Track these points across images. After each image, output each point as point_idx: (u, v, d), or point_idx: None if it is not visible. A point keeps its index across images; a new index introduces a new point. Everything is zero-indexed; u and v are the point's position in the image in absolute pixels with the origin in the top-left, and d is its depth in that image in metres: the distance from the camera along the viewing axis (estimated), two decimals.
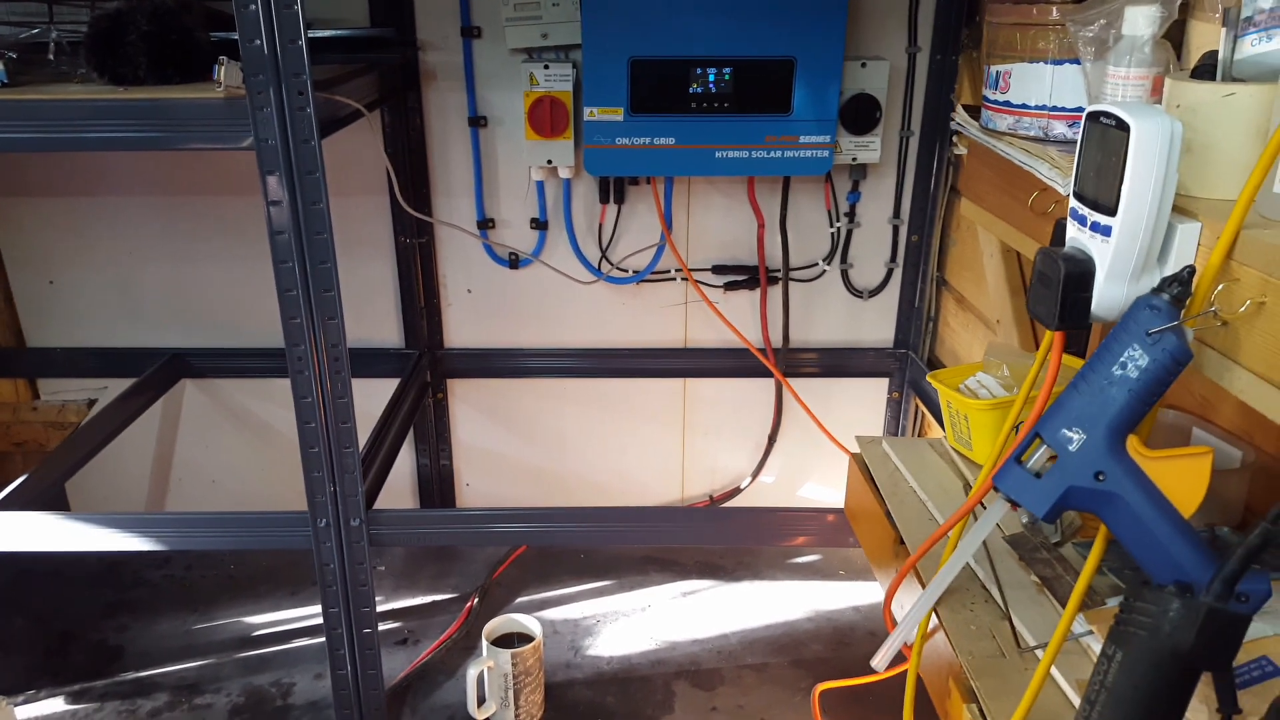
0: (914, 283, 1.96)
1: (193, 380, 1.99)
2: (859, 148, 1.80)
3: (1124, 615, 0.63)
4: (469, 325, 1.97)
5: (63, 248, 1.89)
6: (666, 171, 1.78)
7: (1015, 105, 1.10)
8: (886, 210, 1.92)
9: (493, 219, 1.89)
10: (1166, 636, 0.60)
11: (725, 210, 1.90)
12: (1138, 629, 0.61)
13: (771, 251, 1.93)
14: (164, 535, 1.37)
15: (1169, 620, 0.60)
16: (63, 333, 1.96)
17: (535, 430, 2.07)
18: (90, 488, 2.06)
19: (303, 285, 1.24)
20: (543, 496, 2.13)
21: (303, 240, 1.22)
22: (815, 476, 2.15)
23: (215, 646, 1.75)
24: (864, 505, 1.29)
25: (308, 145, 1.18)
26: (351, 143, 1.79)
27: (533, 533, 1.48)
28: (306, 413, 1.30)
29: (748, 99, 1.69)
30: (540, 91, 1.70)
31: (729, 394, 2.06)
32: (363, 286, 1.92)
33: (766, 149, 1.73)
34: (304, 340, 1.26)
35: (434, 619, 1.84)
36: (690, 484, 2.15)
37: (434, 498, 2.10)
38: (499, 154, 1.84)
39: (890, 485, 1.25)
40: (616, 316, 1.98)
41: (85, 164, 1.83)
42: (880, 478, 1.27)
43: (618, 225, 1.90)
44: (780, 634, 1.82)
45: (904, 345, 2.02)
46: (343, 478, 1.34)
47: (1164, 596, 0.60)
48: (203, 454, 2.06)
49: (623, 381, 2.04)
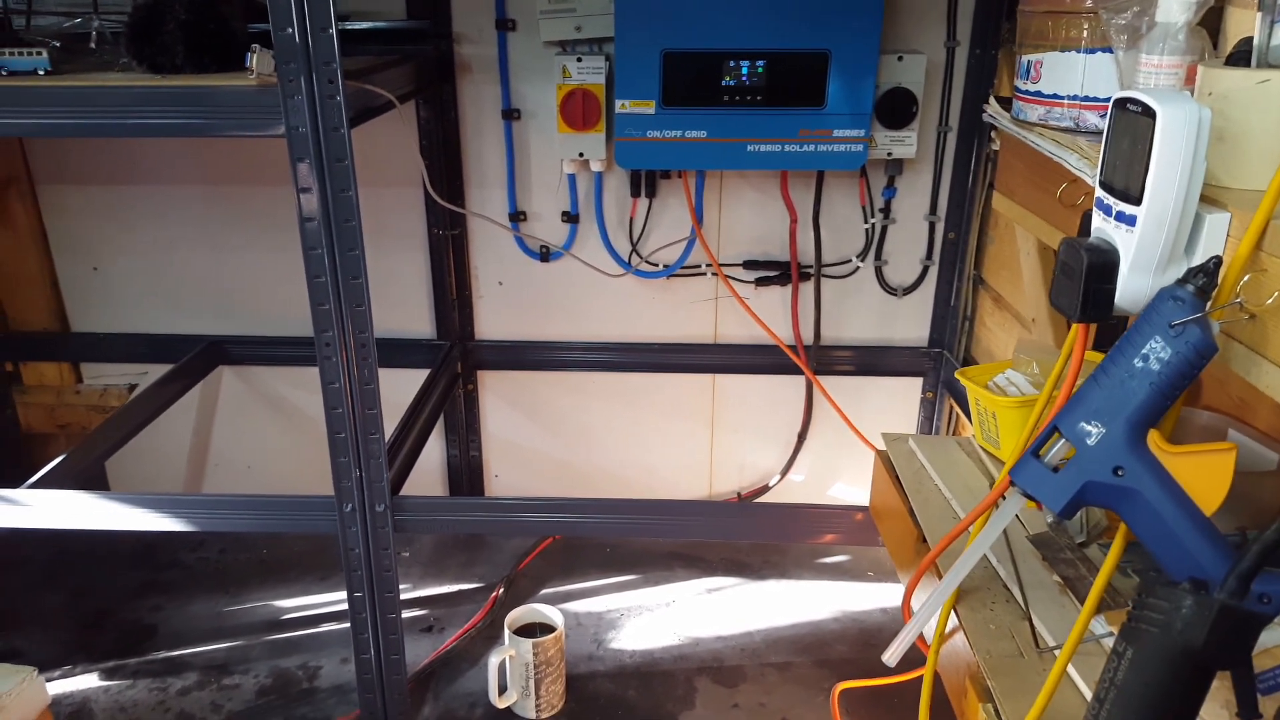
0: (950, 281, 1.93)
1: (229, 367, 2.03)
2: (894, 142, 1.78)
3: (1136, 612, 0.61)
4: (500, 317, 1.99)
5: (106, 235, 1.94)
6: (698, 165, 1.77)
7: (1047, 95, 1.08)
8: (923, 206, 1.89)
9: (524, 211, 1.90)
10: (1178, 634, 0.58)
11: (757, 205, 1.89)
12: (1149, 625, 0.59)
13: (804, 247, 1.91)
14: (193, 516, 1.40)
15: (1181, 617, 0.58)
16: (105, 318, 2.00)
17: (564, 423, 2.08)
18: (130, 470, 2.11)
19: (331, 272, 1.25)
20: (570, 489, 2.13)
21: (331, 227, 1.24)
22: (846, 476, 2.12)
23: (245, 629, 1.78)
24: (888, 503, 1.27)
25: (337, 133, 1.20)
26: (388, 134, 1.81)
27: (558, 523, 1.48)
28: (333, 398, 1.32)
29: (781, 92, 1.68)
30: (573, 84, 1.70)
31: (759, 391, 2.05)
32: (396, 277, 1.94)
33: (800, 143, 1.71)
34: (332, 327, 1.28)
35: (459, 608, 1.85)
36: (718, 481, 2.14)
37: (463, 488, 2.12)
38: (531, 147, 1.84)
39: (914, 483, 1.23)
40: (646, 311, 1.98)
41: (128, 152, 1.88)
42: (905, 475, 1.25)
43: (649, 219, 1.89)
44: (805, 633, 1.81)
45: (939, 344, 1.99)
46: (368, 464, 1.36)
47: (1177, 593, 0.59)
48: (238, 439, 2.10)
49: (651, 376, 2.03)
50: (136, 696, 1.61)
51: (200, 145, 1.86)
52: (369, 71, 1.41)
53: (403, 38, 1.75)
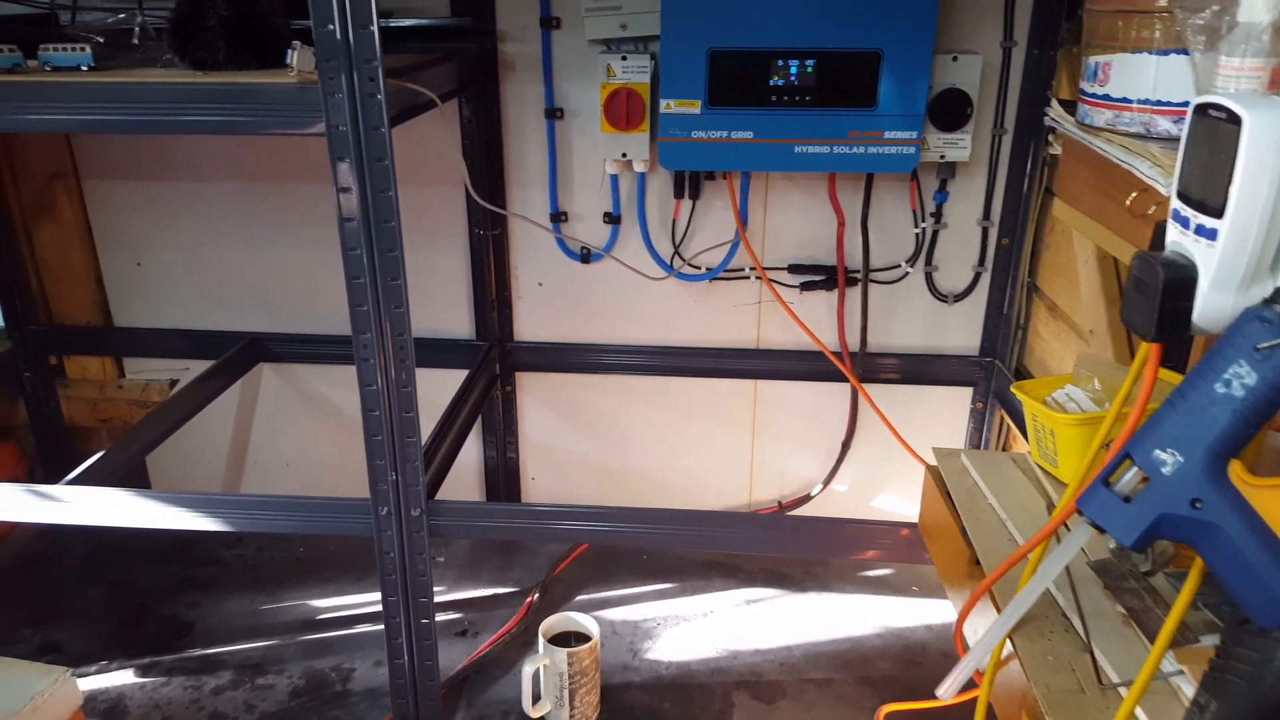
0: (1003, 288, 1.86)
1: (270, 364, 2.03)
2: (948, 145, 1.72)
3: (1220, 661, 0.57)
4: (539, 319, 1.96)
5: (150, 230, 1.95)
6: (744, 166, 1.73)
7: (1115, 99, 1.03)
8: (976, 211, 1.83)
9: (565, 212, 1.87)
10: (1269, 688, 0.53)
11: (803, 208, 1.85)
12: (1235, 677, 0.55)
13: (851, 252, 1.87)
14: (229, 516, 1.39)
15: (1273, 670, 0.53)
16: (148, 313, 2.02)
17: (602, 427, 2.05)
18: (170, 466, 2.12)
19: (370, 273, 1.24)
20: (607, 494, 2.10)
21: (371, 228, 1.22)
22: (890, 487, 2.07)
23: (280, 628, 1.78)
24: (938, 521, 1.22)
25: (378, 132, 1.18)
26: (429, 133, 1.80)
27: (595, 532, 1.45)
28: (371, 401, 1.30)
29: (831, 92, 1.63)
30: (617, 83, 1.67)
31: (801, 398, 2.00)
32: (436, 277, 1.93)
33: (849, 144, 1.66)
34: (370, 328, 1.26)
35: (494, 612, 1.83)
36: (758, 488, 2.10)
37: (499, 490, 2.10)
38: (574, 146, 1.82)
39: (967, 501, 1.18)
40: (688, 314, 1.94)
41: (171, 148, 1.88)
42: (957, 493, 1.20)
43: (692, 221, 1.86)
44: (847, 649, 1.76)
45: (990, 353, 1.93)
46: (404, 467, 1.34)
47: (1267, 643, 0.54)
48: (277, 437, 2.10)
49: (692, 381, 2.00)
50: (171, 694, 1.62)
51: (242, 142, 1.86)
52: (411, 70, 1.39)
53: (445, 35, 1.73)
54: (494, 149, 1.81)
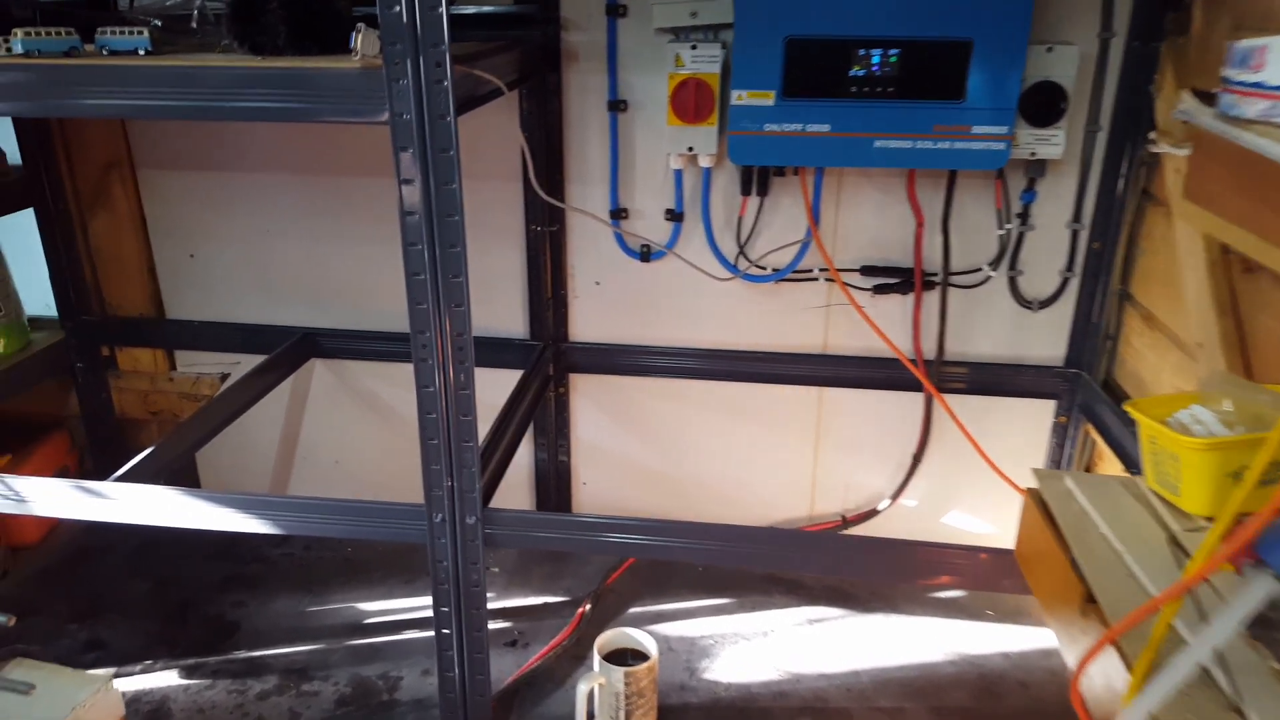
0: (1093, 295, 1.75)
1: (322, 360, 1.98)
2: (1039, 141, 1.62)
3: None
4: (595, 319, 1.89)
5: (204, 221, 1.91)
6: (819, 162, 1.64)
7: (1270, 87, 0.92)
8: (1065, 213, 1.72)
9: (626, 209, 1.79)
10: None
11: (879, 206, 1.75)
12: None
13: (928, 254, 1.77)
14: (277, 518, 1.33)
15: None
16: (201, 306, 1.98)
17: (657, 432, 1.97)
18: (219, 460, 2.09)
19: (431, 269, 1.17)
20: (660, 502, 2.03)
21: (433, 222, 1.15)
22: (962, 504, 1.96)
23: (327, 631, 1.72)
24: (1041, 550, 1.12)
25: (443, 121, 1.11)
26: (485, 125, 1.74)
27: (653, 546, 1.37)
28: (428, 403, 1.23)
29: (916, 83, 1.54)
30: (685, 73, 1.59)
31: (870, 406, 1.90)
32: (490, 274, 1.86)
33: (933, 139, 1.57)
34: (429, 327, 1.19)
35: (544, 622, 1.76)
36: (821, 501, 2.00)
37: (550, 495, 2.03)
38: (637, 140, 1.74)
39: (1077, 530, 1.08)
40: (750, 317, 1.86)
41: (228, 138, 1.84)
42: (1064, 520, 1.10)
43: (759, 219, 1.77)
44: (917, 676, 1.66)
45: (1076, 365, 1.81)
46: (461, 473, 1.27)
47: None
48: (328, 434, 2.05)
49: (753, 386, 1.91)
50: (215, 698, 1.57)
51: (299, 133, 1.81)
52: (472, 58, 1.32)
53: (506, 23, 1.67)
54: (553, 143, 1.74)
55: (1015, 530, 1.20)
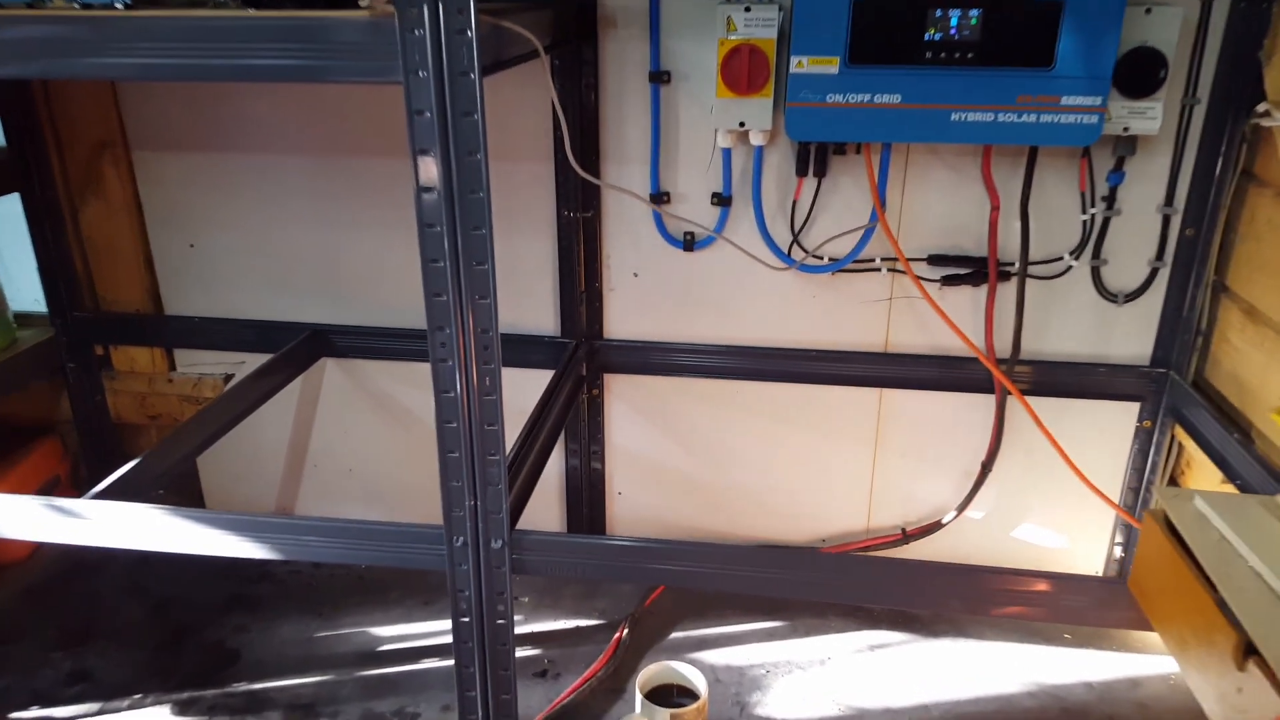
0: (1184, 286, 1.57)
1: (334, 359, 1.82)
2: (1133, 115, 1.44)
3: None
4: (633, 314, 1.72)
5: (205, 208, 1.75)
6: (888, 137, 1.46)
7: None
8: (1156, 195, 1.54)
9: (668, 192, 1.62)
10: None
11: (949, 187, 1.57)
12: None
13: (1002, 241, 1.59)
14: (277, 541, 1.17)
15: None
16: (202, 300, 1.82)
17: (700, 437, 1.80)
18: (223, 468, 1.94)
19: (451, 256, 1.00)
20: (703, 514, 1.86)
21: (454, 200, 0.98)
22: (1035, 515, 1.78)
23: (337, 660, 1.56)
24: (1171, 584, 0.95)
25: (466, 79, 0.94)
26: (511, 100, 1.58)
27: (701, 575, 1.19)
28: (447, 410, 1.07)
29: (998, 49, 1.36)
30: (738, 39, 1.42)
31: (935, 410, 1.72)
32: (517, 264, 1.70)
33: (1017, 111, 1.39)
34: (450, 323, 1.03)
35: (577, 649, 1.60)
36: (879, 513, 1.82)
37: (582, 506, 1.86)
38: (681, 115, 1.57)
39: (1218, 563, 0.90)
40: (805, 311, 1.68)
41: (231, 116, 1.68)
42: (1202, 550, 0.92)
43: (815, 203, 1.60)
44: (994, 710, 1.49)
45: (1164, 364, 1.63)
46: (485, 490, 1.10)
47: None
48: (340, 439, 1.89)
49: (806, 388, 1.73)
50: None
51: (311, 107, 1.65)
52: (499, 14, 1.15)
53: None
54: (588, 119, 1.58)
55: (1085, 549, 1.01)
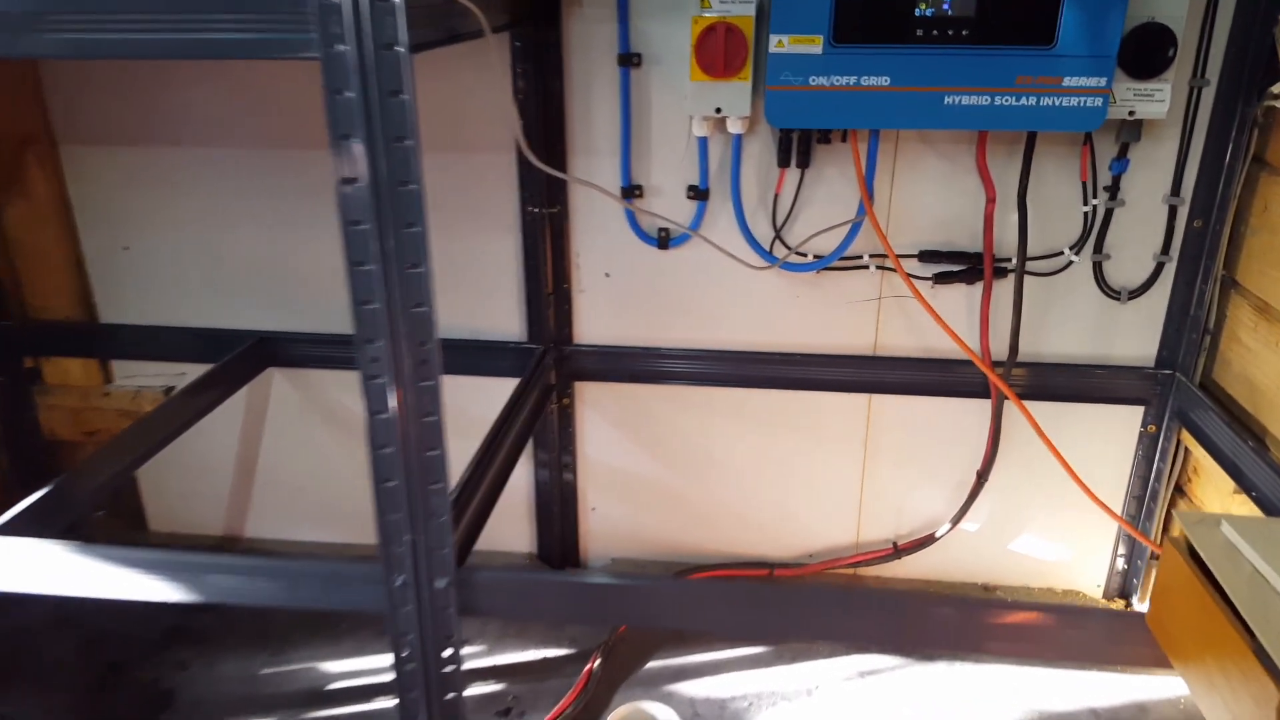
0: (1192, 282, 1.48)
1: (281, 369, 1.69)
2: (1139, 97, 1.33)
3: None
4: (605, 317, 1.60)
5: (140, 207, 1.62)
6: (875, 123, 1.34)
7: None
8: (1162, 185, 1.44)
9: (640, 185, 1.50)
10: None
11: (942, 178, 1.46)
12: None
13: (998, 235, 1.48)
14: (196, 583, 1.04)
15: None
16: (139, 307, 1.69)
17: (678, 448, 1.68)
18: (167, 487, 1.81)
19: (381, 257, 0.88)
20: (682, 529, 1.74)
21: (381, 193, 0.86)
22: (1033, 526, 1.68)
23: (283, 700, 1.43)
24: (1196, 620, 0.83)
25: (391, 54, 0.82)
26: (469, 82, 1.46)
27: (665, 615, 1.07)
28: (381, 433, 0.95)
29: (995, 26, 1.26)
30: (713, 17, 1.30)
31: (927, 416, 1.62)
32: (478, 266, 1.58)
33: (1016, 94, 1.28)
34: (381, 335, 0.90)
35: (545, 683, 1.47)
36: (868, 525, 1.71)
37: (553, 523, 1.74)
38: (654, 102, 1.45)
39: (1252, 601, 0.79)
40: (788, 312, 1.57)
41: (167, 106, 1.55)
42: (1232, 585, 0.81)
43: (799, 196, 1.48)
44: None
45: (1169, 364, 1.53)
46: (427, 524, 0.98)
47: None
48: (291, 454, 1.76)
49: (791, 394, 1.62)
50: None
51: (257, 98, 1.52)
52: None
53: None
54: (552, 105, 1.46)
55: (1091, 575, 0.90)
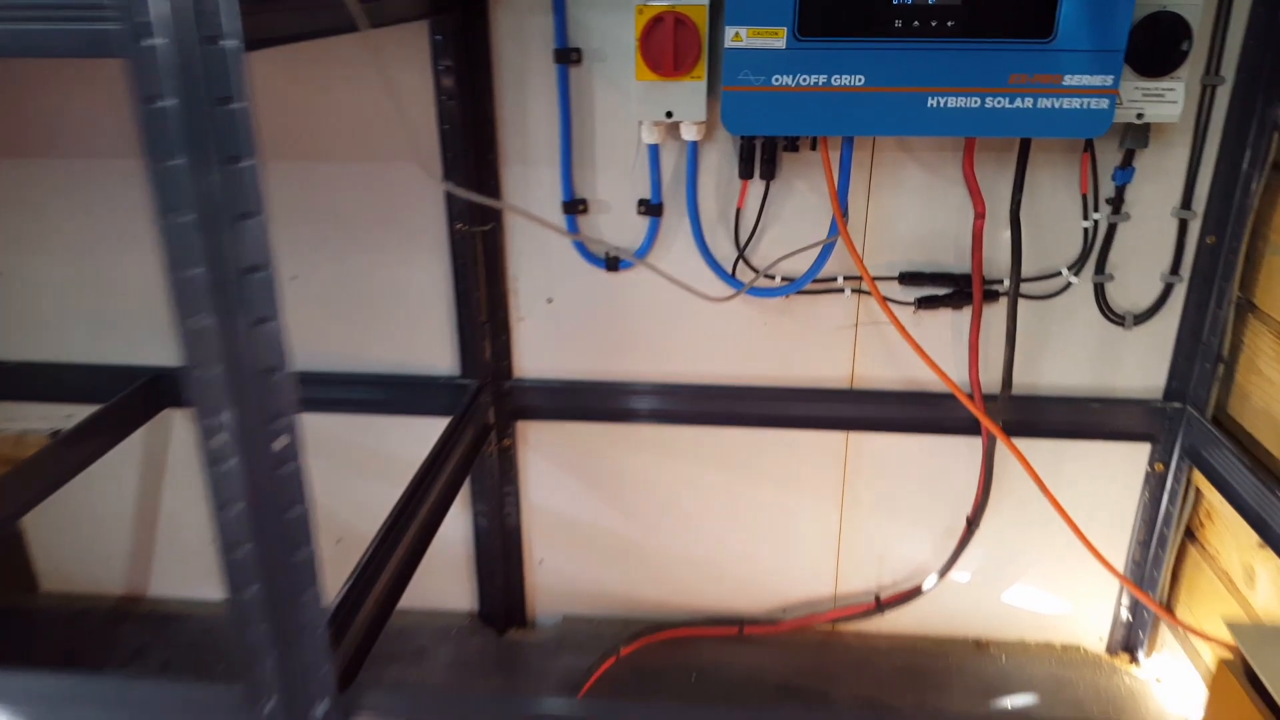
0: (1204, 305, 1.33)
1: (180, 410, 1.50)
2: (1149, 98, 1.17)
3: None
4: (549, 348, 1.42)
5: (15, 228, 1.42)
6: (849, 129, 1.17)
7: None
8: (1171, 196, 1.29)
9: (584, 200, 1.33)
10: None
11: (925, 190, 1.30)
12: None
13: (989, 255, 1.31)
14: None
15: None
16: (15, 341, 1.49)
17: (635, 493, 1.51)
18: (58, 539, 1.61)
19: (211, 258, 0.68)
20: (641, 583, 1.57)
21: (207, 170, 0.66)
22: (1030, 575, 1.52)
23: None
24: None
25: (216, 49, 0.63)
26: (388, 85, 1.27)
27: None
28: (224, 491, 0.74)
29: (986, 16, 1.10)
30: (660, 6, 1.12)
31: (911, 455, 1.45)
32: (404, 291, 1.40)
33: (1010, 94, 1.11)
34: (214, 358, 0.70)
35: None
36: (848, 577, 1.54)
37: (496, 577, 1.56)
38: (597, 103, 1.27)
39: None
40: (755, 341, 1.40)
41: (38, 112, 1.35)
42: None
43: (764, 211, 1.31)
44: None
45: (1179, 396, 1.38)
46: (295, 636, 0.78)
47: None
48: (196, 504, 1.55)
49: (760, 432, 1.46)
50: None
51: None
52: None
53: None
54: (481, 108, 1.28)
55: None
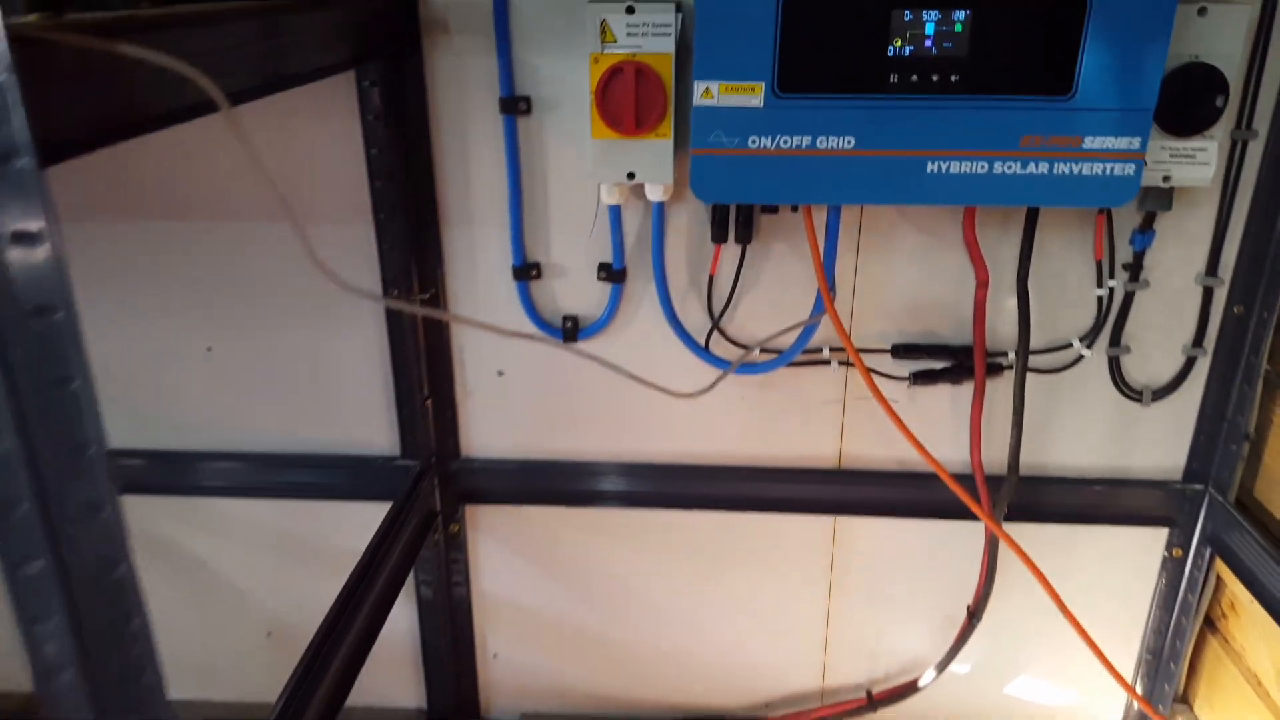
0: (1229, 380, 1.21)
1: None
2: (1177, 159, 1.04)
3: None
4: (500, 425, 1.27)
5: None
6: (835, 197, 1.02)
7: None
8: (1195, 262, 1.16)
9: (538, 263, 1.18)
10: None
11: (920, 255, 1.16)
12: None
13: (993, 324, 1.17)
14: None
15: None
16: None
17: (599, 582, 1.36)
18: None
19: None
20: (609, 680, 1.42)
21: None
22: (1035, 666, 1.39)
23: None
24: None
25: None
26: (313, 135, 1.12)
27: None
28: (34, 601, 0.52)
29: (995, 71, 0.96)
30: (620, 54, 0.97)
31: (905, 541, 1.32)
32: (338, 362, 1.25)
33: (1022, 159, 0.97)
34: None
35: None
36: (836, 670, 1.40)
37: (445, 675, 1.40)
38: (550, 157, 1.12)
39: None
40: (733, 417, 1.26)
41: None
42: None
43: (740, 277, 1.16)
44: None
45: (1200, 478, 1.26)
46: None
47: None
48: None
49: (738, 516, 1.32)
50: None
51: None
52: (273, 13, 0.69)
53: None
54: (419, 162, 1.12)
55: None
